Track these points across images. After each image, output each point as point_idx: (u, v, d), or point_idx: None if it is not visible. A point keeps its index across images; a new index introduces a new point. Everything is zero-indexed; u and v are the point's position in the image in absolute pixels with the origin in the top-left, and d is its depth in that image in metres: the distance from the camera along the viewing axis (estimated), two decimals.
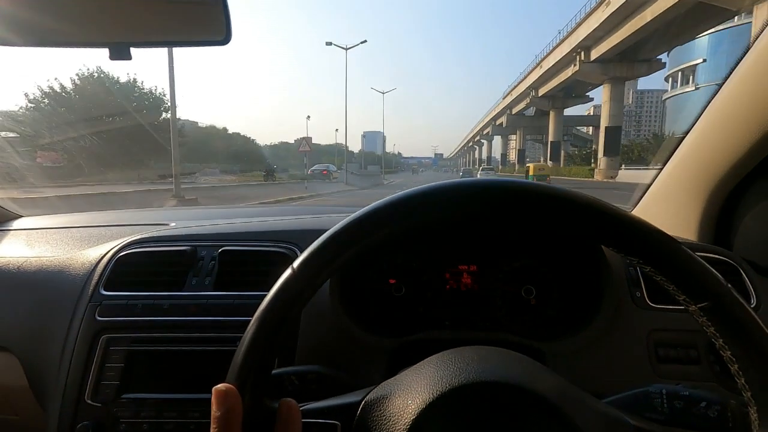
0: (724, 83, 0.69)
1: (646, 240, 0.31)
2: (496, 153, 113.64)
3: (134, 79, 28.50)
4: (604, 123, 32.63)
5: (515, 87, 53.71)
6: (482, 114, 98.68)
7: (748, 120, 0.65)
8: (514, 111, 61.19)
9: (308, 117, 56.32)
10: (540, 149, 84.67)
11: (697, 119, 0.76)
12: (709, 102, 0.72)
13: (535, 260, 0.74)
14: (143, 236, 0.79)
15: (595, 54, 30.01)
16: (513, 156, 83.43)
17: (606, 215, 0.32)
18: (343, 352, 0.65)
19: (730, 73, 0.67)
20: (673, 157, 0.84)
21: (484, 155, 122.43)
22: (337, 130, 76.56)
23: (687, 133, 0.79)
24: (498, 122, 74.96)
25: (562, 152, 67.65)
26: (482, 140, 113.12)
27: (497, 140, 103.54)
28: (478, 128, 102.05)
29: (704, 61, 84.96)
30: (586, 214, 0.32)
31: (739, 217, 0.78)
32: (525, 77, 47.88)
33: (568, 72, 34.60)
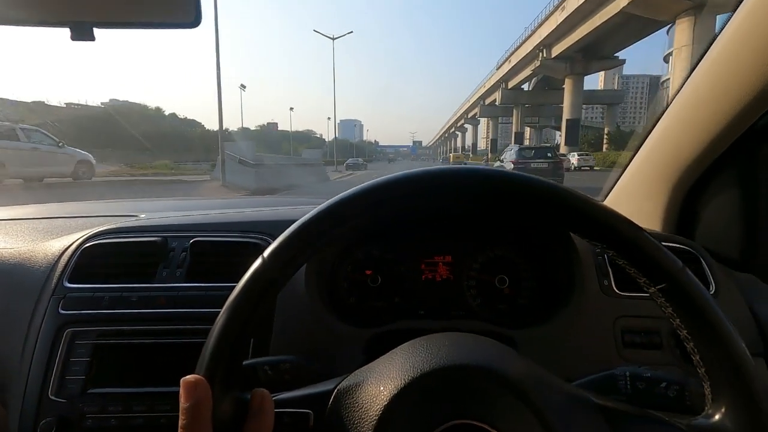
0: (689, 77, 0.71)
1: (608, 225, 0.33)
2: (481, 141, 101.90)
3: None
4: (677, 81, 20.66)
5: (515, 51, 41.44)
6: (467, 96, 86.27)
7: (708, 115, 0.68)
8: (511, 84, 49.03)
9: (242, 86, 42.41)
10: (534, 136, 73.24)
11: (663, 113, 0.78)
12: (675, 95, 0.74)
13: (508, 251, 0.76)
14: (111, 227, 0.76)
15: None
16: (485, 144, 72.10)
17: (570, 202, 0.33)
18: (319, 342, 0.66)
19: (694, 67, 0.69)
20: (640, 150, 0.87)
21: (468, 142, 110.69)
22: (291, 108, 62.79)
23: (654, 126, 0.81)
24: (488, 101, 62.91)
25: (560, 138, 56.72)
26: (466, 125, 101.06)
27: (483, 125, 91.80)
28: (462, 110, 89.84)
29: None
30: (551, 200, 0.33)
31: (701, 208, 0.82)
32: (532, 33, 35.65)
33: (619, 4, 22.37)
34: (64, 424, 0.59)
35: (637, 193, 0.91)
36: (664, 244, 0.35)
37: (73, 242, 0.73)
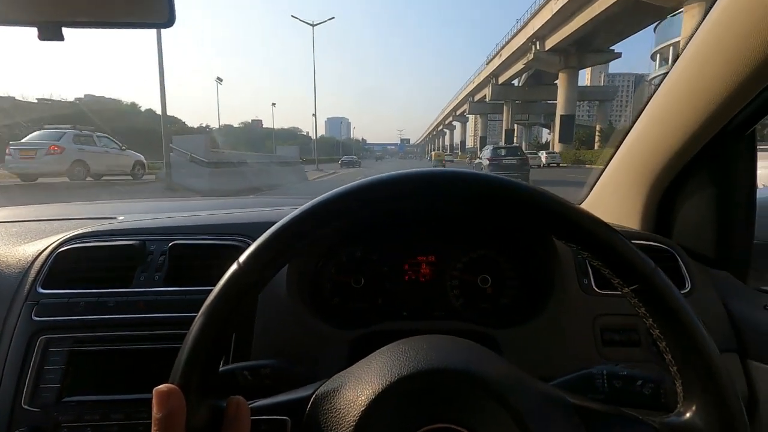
0: (665, 77, 0.72)
1: (582, 226, 0.33)
2: (469, 139, 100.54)
3: None
4: None
5: (507, 44, 39.92)
6: (455, 93, 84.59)
7: (682, 116, 0.69)
8: (502, 79, 47.60)
9: (219, 79, 39.93)
10: (523, 133, 72.01)
11: (641, 112, 0.79)
12: (653, 95, 0.75)
13: (491, 250, 0.76)
14: (86, 230, 0.74)
15: None
16: (473, 142, 69.61)
17: (545, 204, 0.33)
18: (302, 345, 0.65)
19: (672, 67, 0.70)
20: (619, 150, 0.88)
21: (457, 140, 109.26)
22: (273, 104, 60.14)
23: (633, 126, 0.83)
24: (478, 97, 61.46)
25: (551, 135, 55.47)
26: (455, 122, 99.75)
27: (472, 122, 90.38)
28: (451, 107, 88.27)
29: None
30: (527, 203, 0.34)
31: (678, 207, 0.84)
32: (525, 25, 34.12)
33: None
34: None
35: (616, 192, 0.93)
36: (640, 242, 0.44)
37: (47, 246, 0.71)
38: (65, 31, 0.50)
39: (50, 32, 0.49)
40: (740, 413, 0.31)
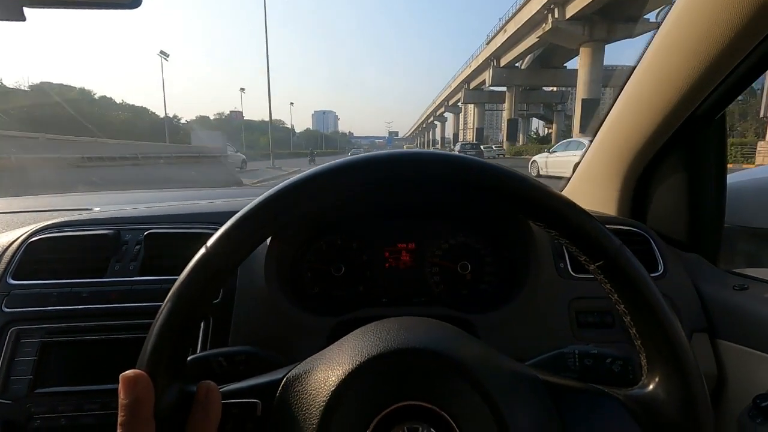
0: (636, 66, 0.74)
1: (547, 205, 0.33)
2: (460, 132, 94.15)
3: None
4: None
5: (514, 16, 33.34)
6: (448, 82, 77.76)
7: (653, 102, 0.72)
8: (505, 61, 41.07)
9: (163, 53, 32.76)
10: (520, 126, 65.89)
11: (615, 101, 0.82)
12: (625, 84, 0.77)
13: (470, 237, 0.78)
14: (58, 221, 0.75)
15: None
16: (463, 136, 63.07)
17: (510, 183, 0.33)
18: (281, 333, 0.66)
19: (642, 56, 0.72)
20: (595, 138, 0.90)
21: (449, 133, 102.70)
22: (242, 89, 53.04)
23: (607, 115, 0.85)
24: (474, 84, 54.95)
25: (552, 129, 49.42)
26: (447, 113, 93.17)
27: (466, 113, 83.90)
28: (442, 98, 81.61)
29: None
30: (494, 183, 0.34)
31: (652, 192, 0.87)
32: None
33: None
34: (9, 427, 0.57)
35: (593, 180, 0.95)
36: (615, 226, 0.49)
37: (18, 237, 0.71)
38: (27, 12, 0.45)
39: (10, 11, 0.45)
40: (700, 383, 0.31)
